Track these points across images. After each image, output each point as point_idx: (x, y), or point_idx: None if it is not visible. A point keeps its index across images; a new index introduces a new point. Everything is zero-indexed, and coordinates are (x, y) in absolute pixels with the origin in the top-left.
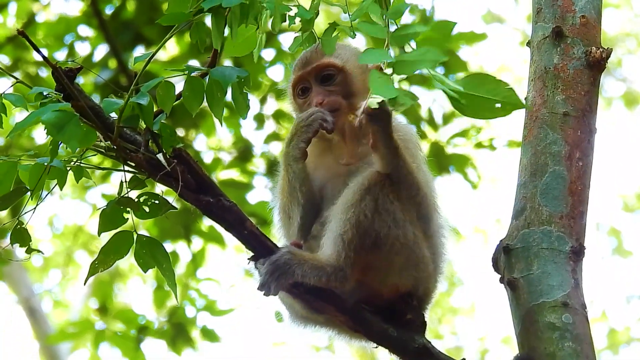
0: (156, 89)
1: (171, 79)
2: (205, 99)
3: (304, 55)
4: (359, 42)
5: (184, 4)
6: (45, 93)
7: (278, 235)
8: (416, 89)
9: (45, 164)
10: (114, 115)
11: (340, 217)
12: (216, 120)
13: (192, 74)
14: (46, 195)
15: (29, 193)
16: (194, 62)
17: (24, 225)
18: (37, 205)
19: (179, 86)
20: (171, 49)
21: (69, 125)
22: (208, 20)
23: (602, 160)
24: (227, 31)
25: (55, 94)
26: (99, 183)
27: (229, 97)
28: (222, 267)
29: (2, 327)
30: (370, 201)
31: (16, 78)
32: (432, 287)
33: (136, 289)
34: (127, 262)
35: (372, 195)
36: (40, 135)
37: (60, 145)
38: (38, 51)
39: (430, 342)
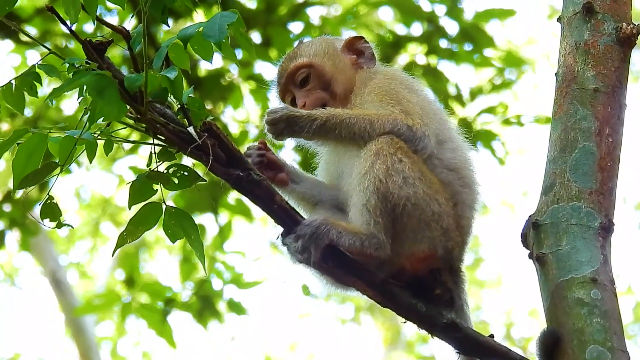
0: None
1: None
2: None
3: (278, 70)
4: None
5: None
6: (76, 65)
7: None
8: (444, 64)
9: (76, 136)
10: None
11: (359, 188)
12: (245, 94)
13: (189, 32)
14: (72, 162)
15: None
16: None
17: (54, 200)
18: (59, 173)
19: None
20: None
21: (108, 89)
22: None
23: (630, 133)
24: None
25: (88, 63)
26: (127, 154)
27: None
28: (249, 240)
29: (28, 299)
30: (382, 164)
31: (49, 49)
32: (453, 244)
33: (162, 260)
34: (154, 234)
35: (382, 159)
36: (68, 106)
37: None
38: (68, 27)
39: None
